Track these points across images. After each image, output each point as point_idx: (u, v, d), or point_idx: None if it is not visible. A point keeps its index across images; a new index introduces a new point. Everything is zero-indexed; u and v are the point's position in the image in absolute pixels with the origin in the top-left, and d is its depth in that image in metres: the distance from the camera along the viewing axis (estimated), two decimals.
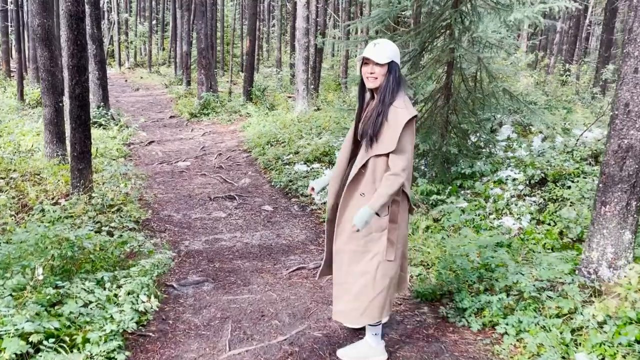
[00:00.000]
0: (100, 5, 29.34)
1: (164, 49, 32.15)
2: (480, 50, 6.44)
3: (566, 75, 13.41)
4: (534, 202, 5.49)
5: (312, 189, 3.13)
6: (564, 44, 14.21)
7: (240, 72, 23.72)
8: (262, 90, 14.36)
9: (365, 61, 2.76)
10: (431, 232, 4.92)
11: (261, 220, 6.06)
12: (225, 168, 8.47)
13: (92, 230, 4.43)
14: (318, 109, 11.85)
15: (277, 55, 21.99)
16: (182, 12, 18.65)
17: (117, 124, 10.83)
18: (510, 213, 5.45)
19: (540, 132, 8.02)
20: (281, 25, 21.28)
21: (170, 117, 13.59)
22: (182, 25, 18.65)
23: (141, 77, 24.55)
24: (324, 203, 6.47)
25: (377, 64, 2.71)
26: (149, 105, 16.09)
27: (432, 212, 5.19)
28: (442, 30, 6.40)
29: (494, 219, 5.45)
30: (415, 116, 2.73)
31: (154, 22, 32.94)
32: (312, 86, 12.15)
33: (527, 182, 5.68)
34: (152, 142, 10.41)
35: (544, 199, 5.36)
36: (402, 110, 2.70)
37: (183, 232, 5.62)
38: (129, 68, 29.12)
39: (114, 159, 8.43)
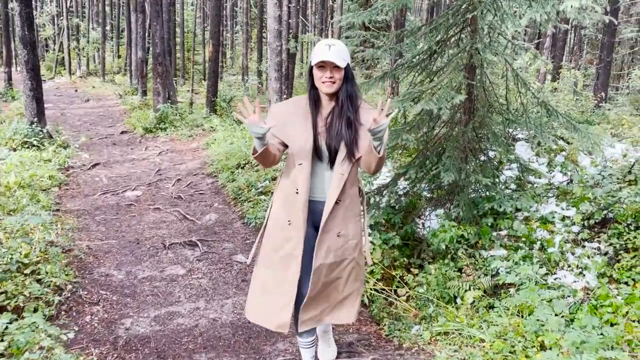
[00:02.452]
0: (52, 9, 27.17)
1: (119, 57, 30.09)
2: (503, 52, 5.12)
3: (557, 82, 12.35)
4: (598, 250, 4.15)
5: (253, 109, 2.35)
6: (555, 48, 13.25)
7: (203, 81, 22.05)
8: (228, 100, 12.77)
9: (321, 65, 2.51)
10: (481, 306, 3.49)
11: (233, 278, 4.53)
12: (185, 199, 6.88)
13: None
14: None
15: (242, 62, 20.38)
16: (137, 14, 16.91)
17: (54, 144, 9.07)
18: (569, 266, 4.10)
19: (563, 151, 6.76)
20: (247, 30, 19.71)
21: (122, 132, 11.85)
22: (136, 29, 16.89)
23: (93, 87, 22.55)
24: None
25: (336, 67, 2.49)
26: (98, 118, 14.27)
27: (482, 279, 3.76)
28: (461, 26, 5.06)
29: (546, 273, 4.08)
30: None
31: (107, 27, 30.84)
32: (284, 95, 10.69)
33: (585, 223, 4.35)
34: (97, 164, 8.71)
35: (614, 247, 4.02)
36: (373, 110, 2.59)
37: (125, 302, 4.05)
38: (81, 77, 27.00)
39: (43, 190, 6.75)
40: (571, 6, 4.00)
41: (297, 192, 2.60)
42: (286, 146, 2.64)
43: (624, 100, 10.54)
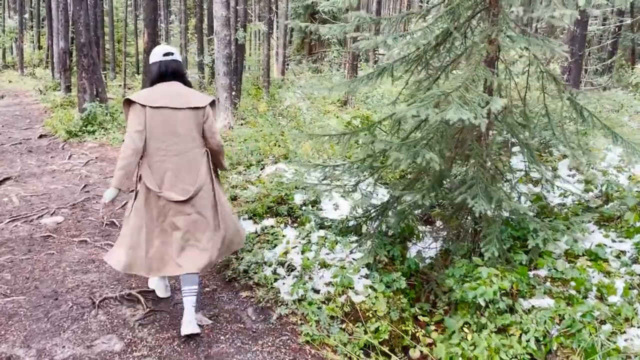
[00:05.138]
0: None
1: (40, 48, 27.30)
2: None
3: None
4: None
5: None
6: None
7: (136, 75, 20.15)
8: None
9: None
10: None
11: (190, 353, 3.27)
12: (120, 225, 5.48)
13: None
14: (246, 122, 9.07)
15: (180, 54, 18.67)
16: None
17: None
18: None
19: (566, 157, 5.89)
20: (185, 19, 18.04)
21: (40, 136, 10.09)
22: (58, 16, 14.90)
23: (10, 81, 20.12)
24: (297, 301, 3.84)
25: None
26: (13, 118, 12.31)
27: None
28: (473, 9, 4.02)
29: (613, 332, 3.11)
30: (128, 100, 3.11)
31: (26, 15, 27.94)
32: (234, 92, 9.36)
33: None
34: (7, 179, 7.07)
35: None
36: None
37: None
38: None
39: None
40: None
41: None
42: None
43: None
